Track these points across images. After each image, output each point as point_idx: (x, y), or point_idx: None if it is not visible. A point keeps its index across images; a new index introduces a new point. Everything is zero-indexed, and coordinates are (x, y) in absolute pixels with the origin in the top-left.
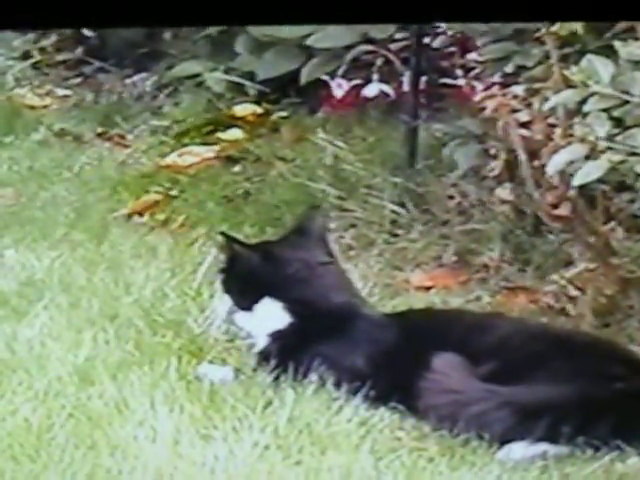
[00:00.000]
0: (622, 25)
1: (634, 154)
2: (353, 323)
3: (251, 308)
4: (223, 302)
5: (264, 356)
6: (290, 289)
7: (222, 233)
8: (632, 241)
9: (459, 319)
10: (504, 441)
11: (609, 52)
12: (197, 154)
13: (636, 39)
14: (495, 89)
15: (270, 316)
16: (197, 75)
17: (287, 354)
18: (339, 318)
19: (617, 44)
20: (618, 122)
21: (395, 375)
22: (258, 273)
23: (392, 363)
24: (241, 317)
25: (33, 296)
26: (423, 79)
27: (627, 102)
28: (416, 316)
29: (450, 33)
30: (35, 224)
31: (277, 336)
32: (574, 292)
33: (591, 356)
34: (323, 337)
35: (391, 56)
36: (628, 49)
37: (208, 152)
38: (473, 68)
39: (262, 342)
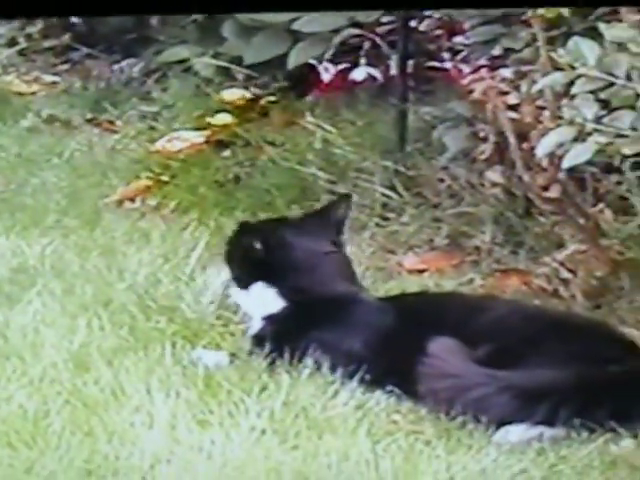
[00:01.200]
0: (606, 7)
1: (620, 136)
2: (348, 307)
3: (247, 287)
4: (221, 273)
5: (259, 339)
6: (287, 276)
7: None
8: (621, 223)
9: (454, 302)
10: (501, 424)
11: (594, 34)
12: (186, 139)
13: (620, 21)
14: (483, 72)
15: (264, 300)
16: (185, 60)
17: (282, 338)
18: (334, 303)
19: (602, 26)
20: (605, 104)
21: (391, 359)
22: (258, 255)
23: (388, 347)
24: (237, 294)
25: (26, 283)
26: (410, 62)
27: (613, 84)
28: (411, 300)
29: (437, 16)
30: (25, 211)
31: (271, 320)
32: (566, 274)
33: (585, 338)
34: (318, 322)
35: (378, 40)
36: (612, 31)
37: (198, 137)
38: (460, 51)
39: (257, 325)
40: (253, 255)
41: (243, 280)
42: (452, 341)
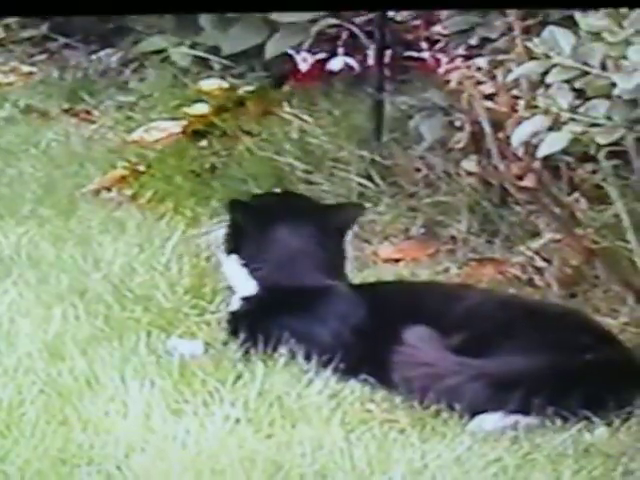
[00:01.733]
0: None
1: (595, 125)
2: (321, 298)
3: (228, 254)
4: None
5: (235, 318)
6: (259, 261)
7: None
8: (595, 212)
9: (429, 290)
10: (475, 412)
11: (570, 23)
12: (164, 129)
13: (595, 10)
14: (459, 61)
15: (239, 277)
16: (162, 50)
17: (256, 325)
18: (306, 294)
19: (577, 15)
20: (580, 93)
21: (365, 348)
22: (237, 234)
23: (362, 336)
24: (224, 262)
25: (1, 273)
26: (388, 52)
27: (588, 73)
28: (386, 288)
29: None
30: (1, 201)
31: (248, 302)
32: (541, 263)
33: (559, 326)
34: (291, 311)
35: (355, 29)
36: (587, 20)
37: (174, 127)
38: (438, 41)
39: (235, 304)
40: (238, 224)
41: (227, 243)
42: (427, 330)
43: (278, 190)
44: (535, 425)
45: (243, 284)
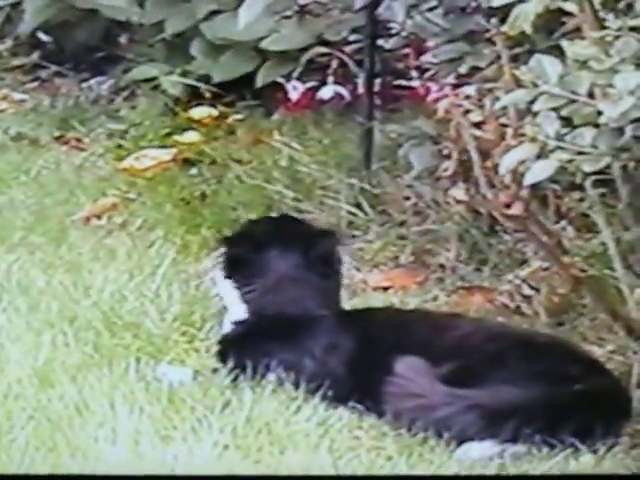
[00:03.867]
0: (569, 25)
1: (582, 153)
2: (310, 326)
3: (224, 278)
4: None
5: (226, 342)
6: (247, 289)
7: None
8: (582, 240)
9: (419, 319)
10: (464, 441)
11: (557, 52)
12: (154, 157)
13: (582, 38)
14: (447, 89)
15: (231, 299)
16: (153, 78)
17: (245, 351)
18: (295, 321)
19: (564, 44)
20: (567, 121)
21: (354, 375)
22: (237, 255)
23: (351, 364)
24: (220, 281)
25: None
26: (378, 81)
27: (574, 101)
28: (376, 316)
29: (404, 35)
30: None
31: (238, 326)
32: (528, 291)
33: (549, 356)
34: (279, 337)
35: (345, 58)
36: (574, 48)
37: (165, 155)
38: (428, 69)
39: (227, 328)
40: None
41: (224, 268)
42: (418, 360)
43: (274, 215)
44: (522, 453)
45: (234, 307)
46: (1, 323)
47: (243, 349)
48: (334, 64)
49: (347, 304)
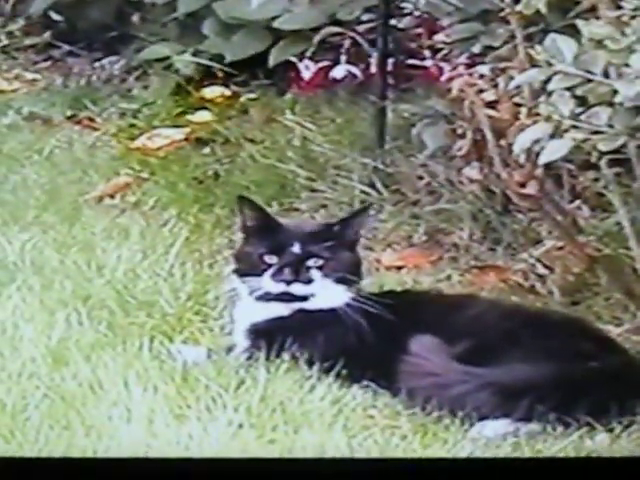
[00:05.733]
0: (585, 4)
1: (597, 132)
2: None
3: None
4: None
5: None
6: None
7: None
8: (597, 219)
9: (432, 299)
10: (480, 419)
11: (572, 31)
12: (167, 136)
13: (597, 18)
14: (461, 69)
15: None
16: (166, 58)
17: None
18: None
19: (580, 23)
20: (582, 100)
21: (369, 354)
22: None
23: (367, 342)
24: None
25: (5, 278)
26: (390, 60)
27: (590, 81)
28: (391, 296)
29: (417, 14)
30: (5, 207)
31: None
32: (543, 270)
33: (563, 334)
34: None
35: (358, 38)
36: (590, 28)
37: (178, 134)
38: (441, 49)
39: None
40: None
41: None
42: (433, 339)
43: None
44: (537, 431)
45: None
46: (15, 302)
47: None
48: (347, 43)
49: (361, 283)
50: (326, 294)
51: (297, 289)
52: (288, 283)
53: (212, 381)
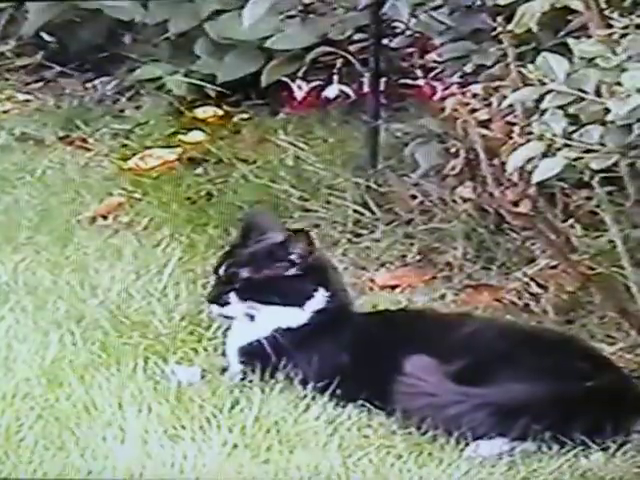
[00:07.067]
0: (576, 23)
1: (589, 150)
2: (325, 322)
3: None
4: None
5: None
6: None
7: None
8: (590, 238)
9: (428, 318)
10: (475, 438)
11: (564, 50)
12: (159, 157)
13: (589, 36)
14: (454, 88)
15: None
16: (158, 78)
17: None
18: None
19: (571, 42)
20: (574, 119)
21: (364, 373)
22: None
23: (361, 361)
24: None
25: None
26: (383, 80)
27: (582, 99)
28: (385, 315)
29: (408, 33)
30: None
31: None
32: (536, 289)
33: (558, 353)
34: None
35: (350, 57)
36: (581, 46)
37: (170, 154)
38: (433, 68)
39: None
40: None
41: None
42: (428, 359)
43: None
44: (532, 450)
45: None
46: (8, 323)
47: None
48: (339, 63)
49: (355, 303)
50: (246, 317)
51: (215, 310)
52: (209, 303)
53: (206, 401)
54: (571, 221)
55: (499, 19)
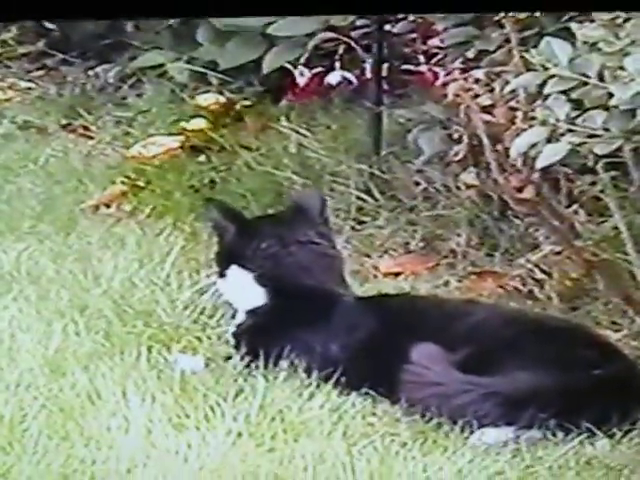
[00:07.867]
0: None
1: (593, 136)
2: (327, 307)
3: (223, 274)
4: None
5: (240, 332)
6: (258, 261)
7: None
8: (595, 224)
9: (433, 305)
10: (481, 426)
11: (567, 34)
12: (162, 144)
13: (591, 21)
14: (456, 73)
15: (243, 287)
16: (160, 65)
17: (259, 337)
18: (313, 301)
19: (574, 26)
20: (577, 104)
21: (368, 361)
22: (230, 242)
23: (366, 349)
24: (220, 284)
25: (1, 289)
26: (385, 66)
27: (585, 84)
28: (391, 302)
29: (411, 19)
30: (1, 217)
31: (253, 314)
32: (541, 275)
33: (565, 342)
34: (297, 320)
35: (353, 43)
36: (584, 31)
37: (173, 142)
38: (436, 54)
39: (240, 317)
40: (225, 243)
41: (219, 268)
42: (434, 347)
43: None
44: (537, 438)
45: (248, 295)
46: (12, 313)
47: (256, 335)
48: (341, 49)
49: (358, 290)
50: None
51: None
52: None
53: (210, 390)
54: (575, 207)
55: None
